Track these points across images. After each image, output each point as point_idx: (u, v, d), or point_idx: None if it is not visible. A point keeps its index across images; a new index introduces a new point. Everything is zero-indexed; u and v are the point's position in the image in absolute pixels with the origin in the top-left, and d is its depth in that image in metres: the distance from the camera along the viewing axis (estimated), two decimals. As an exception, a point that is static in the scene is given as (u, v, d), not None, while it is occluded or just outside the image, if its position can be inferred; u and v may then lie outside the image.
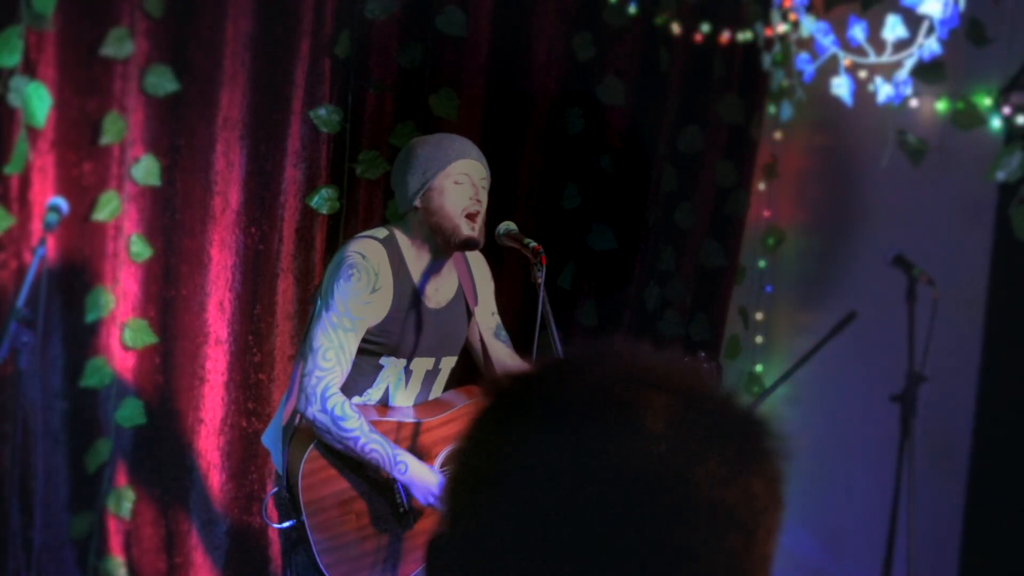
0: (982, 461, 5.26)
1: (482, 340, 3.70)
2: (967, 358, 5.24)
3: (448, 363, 3.66)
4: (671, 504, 1.03)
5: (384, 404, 3.58)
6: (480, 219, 3.50)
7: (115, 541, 4.25)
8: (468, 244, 3.49)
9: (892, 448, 4.40)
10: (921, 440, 4.46)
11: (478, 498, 1.09)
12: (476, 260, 3.71)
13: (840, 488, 5.37)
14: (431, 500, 3.51)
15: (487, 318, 3.71)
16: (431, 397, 3.67)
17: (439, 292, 3.60)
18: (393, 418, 3.57)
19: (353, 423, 3.41)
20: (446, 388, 3.72)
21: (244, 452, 4.38)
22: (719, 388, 1.10)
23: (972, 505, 5.28)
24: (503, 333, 3.68)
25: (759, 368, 5.53)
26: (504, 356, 3.67)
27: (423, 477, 3.50)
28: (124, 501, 4.24)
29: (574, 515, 1.04)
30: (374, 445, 3.43)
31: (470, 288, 3.67)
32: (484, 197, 3.52)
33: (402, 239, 3.52)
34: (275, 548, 4.43)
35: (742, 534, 1.05)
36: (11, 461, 3.81)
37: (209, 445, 4.33)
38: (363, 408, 3.53)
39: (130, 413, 4.23)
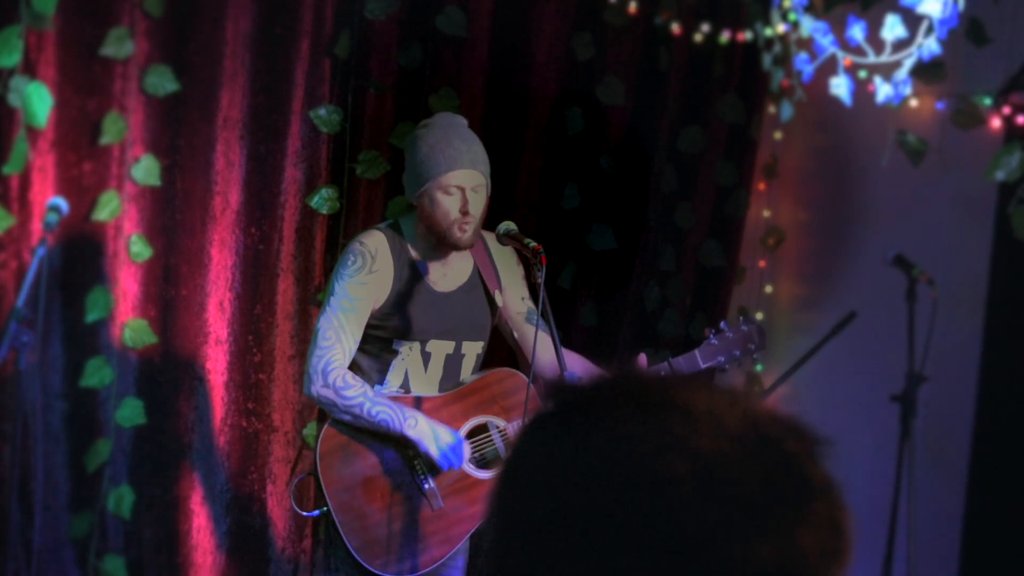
0: (982, 461, 5.26)
1: (513, 326, 3.72)
2: (967, 358, 5.24)
3: (472, 348, 3.68)
4: (702, 561, 1.00)
5: (406, 390, 3.61)
6: (473, 222, 3.54)
7: (115, 541, 4.24)
8: (458, 247, 3.58)
9: (892, 448, 4.40)
10: (921, 440, 4.46)
11: (510, 499, 1.09)
12: (498, 247, 3.73)
13: (840, 488, 5.36)
14: (449, 459, 3.51)
15: (516, 303, 3.73)
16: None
17: (447, 277, 3.65)
18: (412, 394, 3.62)
19: (356, 391, 3.48)
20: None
21: (244, 452, 4.38)
22: (775, 436, 1.05)
23: (972, 505, 5.28)
24: (537, 318, 3.64)
25: (759, 368, 5.53)
26: (536, 342, 3.61)
27: (436, 433, 3.51)
28: (124, 501, 4.23)
29: (591, 545, 1.02)
30: (379, 408, 3.48)
31: (490, 273, 3.70)
32: (478, 201, 3.56)
33: (407, 226, 3.63)
34: (275, 548, 4.43)
35: None
36: (11, 461, 3.81)
37: (209, 445, 4.33)
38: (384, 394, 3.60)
39: (130, 413, 4.23)
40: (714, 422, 1.04)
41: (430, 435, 3.50)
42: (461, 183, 3.53)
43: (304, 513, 3.91)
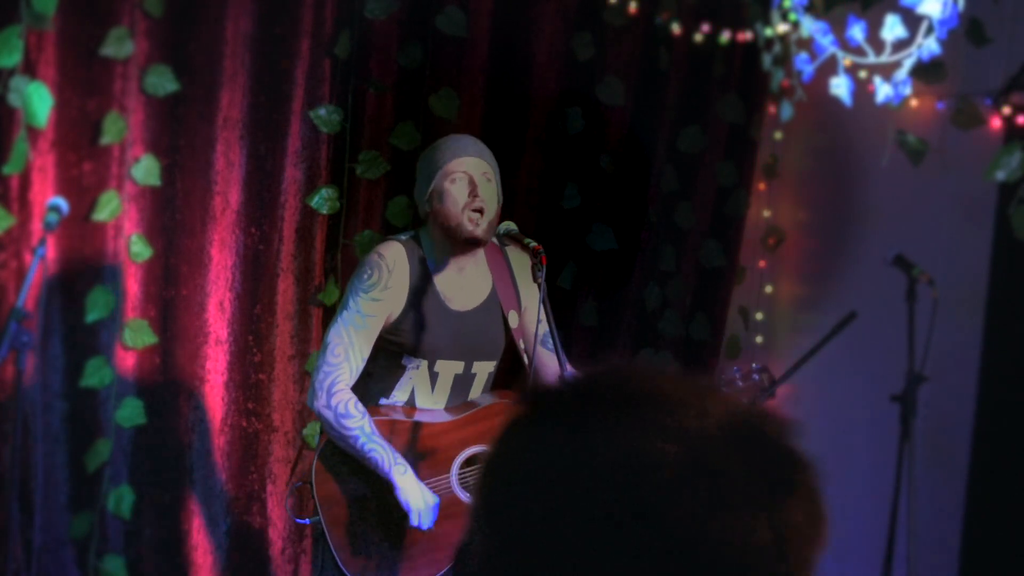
0: (982, 461, 5.26)
1: (526, 347, 3.64)
2: (967, 358, 5.24)
3: (484, 368, 3.64)
4: (679, 556, 1.01)
5: (411, 406, 3.59)
6: (486, 216, 3.50)
7: (115, 541, 4.25)
8: (471, 241, 3.51)
9: (892, 448, 4.40)
10: (921, 440, 4.46)
11: (495, 508, 1.08)
12: (520, 264, 3.68)
13: (840, 488, 5.36)
14: (421, 517, 3.47)
15: (532, 325, 3.65)
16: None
17: (464, 293, 3.60)
18: (415, 418, 3.58)
19: (355, 422, 3.44)
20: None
21: (244, 452, 4.38)
22: (745, 418, 1.07)
23: (972, 505, 5.28)
24: (551, 342, 3.56)
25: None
26: (549, 365, 3.60)
27: (420, 490, 3.48)
28: (124, 501, 4.23)
29: (584, 547, 1.02)
30: (374, 446, 3.44)
31: (509, 292, 3.65)
32: (488, 190, 3.52)
33: (425, 241, 3.58)
34: (275, 548, 4.43)
35: None
36: (11, 461, 3.81)
37: (209, 445, 4.33)
38: (390, 408, 3.57)
39: (130, 413, 4.23)
40: (696, 407, 1.06)
41: (414, 490, 3.47)
42: (468, 170, 3.50)
43: (298, 520, 3.90)
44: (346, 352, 3.47)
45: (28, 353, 3.39)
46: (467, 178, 3.50)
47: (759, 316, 5.54)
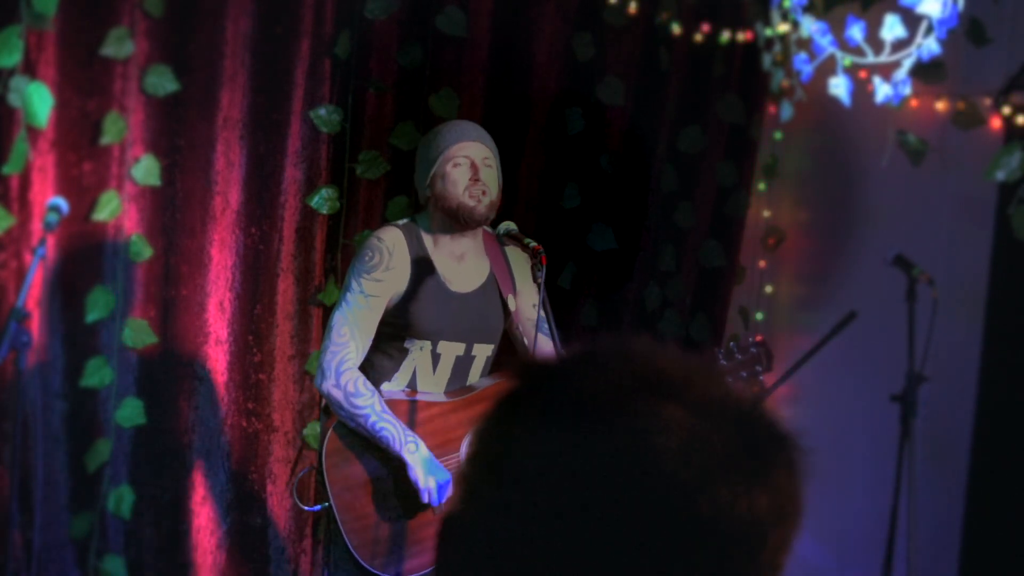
0: (982, 461, 5.26)
1: (523, 332, 3.72)
2: (967, 358, 5.24)
3: (483, 351, 3.69)
4: (674, 524, 1.03)
5: (412, 390, 3.61)
6: (488, 195, 3.56)
7: (115, 541, 4.25)
8: (473, 217, 3.57)
9: (892, 448, 4.40)
10: (921, 440, 4.46)
11: (487, 482, 1.09)
12: (518, 261, 3.75)
13: (840, 488, 5.36)
14: (431, 495, 3.50)
15: (528, 310, 3.73)
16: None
17: (462, 276, 3.65)
18: (418, 398, 3.60)
19: (365, 400, 3.48)
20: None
21: (244, 452, 4.38)
22: (740, 399, 1.08)
23: (972, 505, 5.28)
24: (546, 327, 3.63)
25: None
26: (546, 350, 3.66)
27: (429, 467, 3.51)
28: (124, 501, 4.23)
29: (577, 517, 1.03)
30: (384, 424, 3.48)
31: (505, 276, 3.71)
32: (489, 175, 3.59)
33: (423, 225, 3.65)
34: (275, 548, 4.43)
35: (746, 551, 1.05)
36: (11, 461, 3.81)
37: (209, 445, 4.33)
38: (393, 392, 3.59)
39: (130, 413, 4.23)
40: (699, 386, 1.07)
41: (423, 467, 3.50)
42: (469, 154, 3.57)
43: (306, 508, 3.92)
44: (352, 332, 3.52)
45: (28, 353, 3.39)
46: (469, 162, 3.57)
47: (759, 316, 5.53)
